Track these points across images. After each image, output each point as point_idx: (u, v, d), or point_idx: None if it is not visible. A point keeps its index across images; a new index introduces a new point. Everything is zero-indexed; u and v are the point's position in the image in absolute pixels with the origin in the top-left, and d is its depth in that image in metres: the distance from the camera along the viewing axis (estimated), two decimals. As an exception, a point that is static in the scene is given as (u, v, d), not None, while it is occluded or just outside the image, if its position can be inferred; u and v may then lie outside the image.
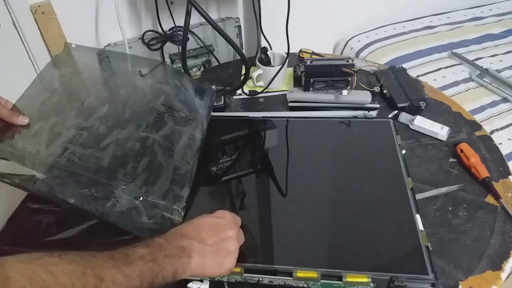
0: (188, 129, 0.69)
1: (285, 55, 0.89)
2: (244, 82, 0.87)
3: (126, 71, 0.82)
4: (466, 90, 1.24)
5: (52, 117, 0.63)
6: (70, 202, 0.53)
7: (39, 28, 1.03)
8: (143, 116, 0.69)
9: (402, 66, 0.94)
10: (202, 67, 1.29)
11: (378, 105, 0.83)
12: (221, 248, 0.48)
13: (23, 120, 0.59)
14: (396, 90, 0.85)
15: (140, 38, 1.18)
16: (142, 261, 0.41)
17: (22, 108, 0.61)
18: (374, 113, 0.82)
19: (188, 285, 0.53)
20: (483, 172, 0.67)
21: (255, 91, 0.92)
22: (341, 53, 1.55)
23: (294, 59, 1.00)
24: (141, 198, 0.56)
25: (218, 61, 1.28)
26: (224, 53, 1.32)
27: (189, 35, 1.20)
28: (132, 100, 0.74)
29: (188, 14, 0.72)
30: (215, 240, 0.48)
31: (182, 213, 0.57)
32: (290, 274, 0.51)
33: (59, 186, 0.54)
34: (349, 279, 0.49)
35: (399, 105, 0.82)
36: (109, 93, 0.75)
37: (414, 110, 0.81)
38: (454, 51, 1.41)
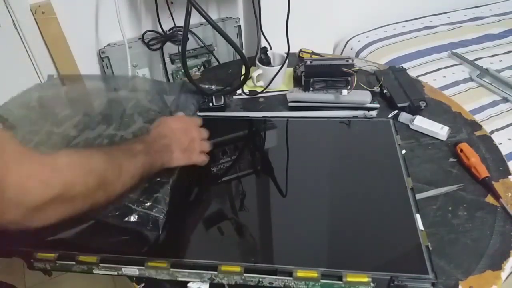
0: None
1: (285, 55, 0.89)
2: (244, 82, 0.87)
3: (102, 89, 0.85)
4: (466, 90, 1.24)
5: (26, 127, 0.65)
6: None
7: (39, 28, 1.03)
8: (113, 119, 0.71)
9: (402, 66, 0.94)
10: (202, 67, 1.29)
11: (378, 105, 0.83)
12: (190, 147, 0.61)
13: None
14: (396, 90, 0.85)
15: (140, 38, 1.18)
16: (142, 154, 0.52)
17: None
18: (374, 113, 0.82)
19: (188, 285, 0.53)
20: (483, 172, 0.67)
21: (255, 91, 0.92)
22: (341, 53, 1.55)
23: (294, 59, 1.00)
24: None
25: (218, 61, 1.28)
26: (224, 53, 1.32)
27: (189, 35, 1.20)
28: (104, 108, 0.76)
29: (188, 14, 0.72)
30: (186, 140, 0.61)
31: (148, 204, 0.57)
32: (290, 273, 0.50)
33: None
34: (349, 279, 0.49)
35: (399, 105, 0.82)
36: (85, 106, 0.77)
37: (414, 110, 0.81)
38: (454, 51, 1.41)
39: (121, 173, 0.47)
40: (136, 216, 0.55)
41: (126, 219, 0.55)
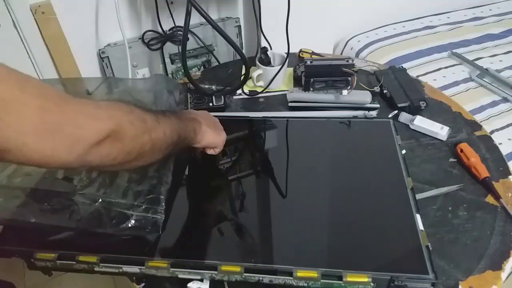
0: None
1: (285, 55, 0.89)
2: (244, 82, 0.87)
3: (74, 93, 0.82)
4: (466, 90, 1.24)
5: None
6: (31, 221, 0.53)
7: (39, 28, 1.03)
8: None
9: (402, 66, 0.94)
10: (202, 67, 1.29)
11: (378, 105, 0.83)
12: (217, 128, 0.65)
13: None
14: (396, 90, 0.85)
15: (140, 38, 1.18)
16: (175, 118, 0.54)
17: None
18: (374, 113, 0.82)
19: (188, 284, 0.53)
20: (483, 172, 0.67)
21: (255, 91, 0.92)
22: (341, 53, 1.55)
23: (294, 59, 1.00)
24: (100, 200, 0.56)
25: (218, 61, 1.28)
26: (224, 53, 1.32)
27: (189, 35, 1.20)
28: None
29: (188, 14, 0.72)
30: (212, 122, 0.65)
31: (143, 207, 0.56)
32: (290, 273, 0.51)
33: (17, 207, 0.55)
34: (349, 279, 0.49)
35: (399, 105, 0.82)
36: None
37: (414, 110, 0.81)
38: (454, 51, 1.41)
39: (159, 122, 0.48)
40: (133, 221, 0.55)
41: (124, 225, 0.55)
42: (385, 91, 0.86)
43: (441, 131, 0.76)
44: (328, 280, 0.50)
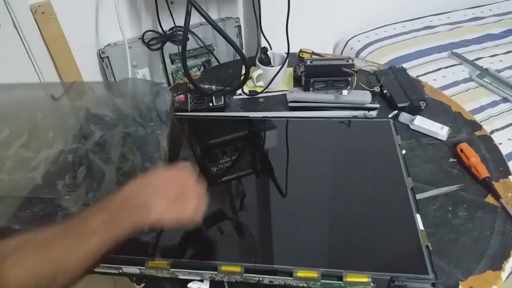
0: (118, 129, 0.67)
1: (285, 55, 0.89)
2: (244, 82, 0.87)
3: (37, 99, 0.77)
4: (466, 90, 1.24)
5: None
6: (16, 228, 0.53)
7: (39, 28, 1.03)
8: (68, 132, 0.67)
9: (402, 66, 0.94)
10: (202, 67, 1.29)
11: (378, 105, 0.83)
12: (185, 194, 0.48)
13: None
14: (396, 90, 0.85)
15: (140, 38, 1.18)
16: (97, 234, 0.41)
17: None
18: (374, 113, 0.82)
19: (188, 285, 0.53)
20: (483, 172, 0.67)
21: (255, 91, 0.92)
22: (341, 53, 1.55)
23: (294, 59, 1.00)
24: (91, 204, 0.55)
25: (218, 61, 1.28)
26: (224, 53, 1.32)
27: (189, 35, 1.20)
28: (51, 122, 0.72)
29: (188, 14, 0.72)
30: (176, 187, 0.47)
31: None
32: (290, 274, 0.51)
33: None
34: (349, 279, 0.49)
35: (399, 105, 0.82)
36: (26, 122, 0.70)
37: (414, 110, 0.81)
38: (454, 51, 1.40)
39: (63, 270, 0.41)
40: None
41: None
42: (385, 91, 0.86)
43: (441, 131, 0.76)
44: (328, 280, 0.50)
